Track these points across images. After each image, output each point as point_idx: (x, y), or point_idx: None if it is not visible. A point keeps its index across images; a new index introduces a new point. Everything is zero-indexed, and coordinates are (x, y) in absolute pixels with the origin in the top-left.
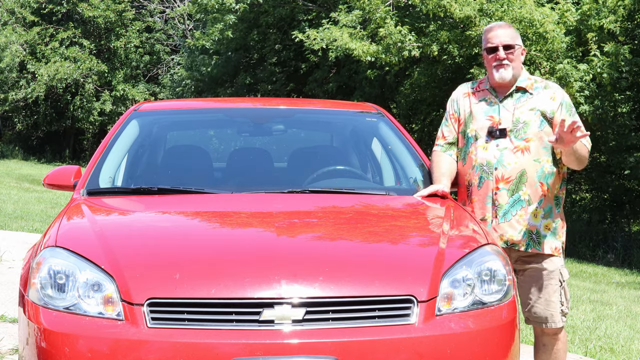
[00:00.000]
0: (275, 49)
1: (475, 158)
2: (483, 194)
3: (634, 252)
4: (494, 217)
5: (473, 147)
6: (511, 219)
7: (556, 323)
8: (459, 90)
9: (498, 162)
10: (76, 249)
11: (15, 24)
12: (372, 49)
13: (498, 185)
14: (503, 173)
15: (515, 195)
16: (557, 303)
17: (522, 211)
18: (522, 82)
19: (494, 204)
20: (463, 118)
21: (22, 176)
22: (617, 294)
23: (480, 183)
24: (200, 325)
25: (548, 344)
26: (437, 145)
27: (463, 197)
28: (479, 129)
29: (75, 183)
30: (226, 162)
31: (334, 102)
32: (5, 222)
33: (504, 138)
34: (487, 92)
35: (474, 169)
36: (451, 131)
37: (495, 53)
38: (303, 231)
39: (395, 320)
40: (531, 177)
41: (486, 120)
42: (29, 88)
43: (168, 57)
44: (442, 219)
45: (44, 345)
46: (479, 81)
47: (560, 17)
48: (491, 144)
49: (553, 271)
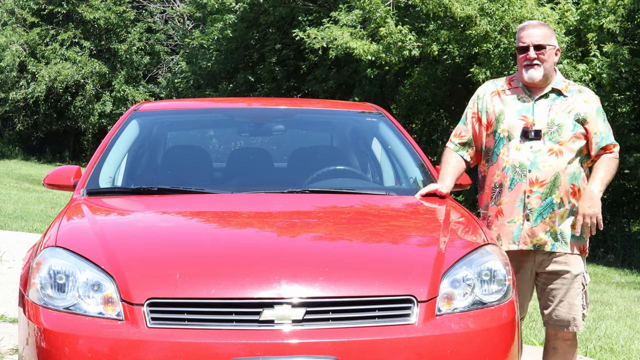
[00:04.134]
0: (275, 49)
1: (507, 159)
2: (514, 196)
3: (634, 252)
4: (525, 220)
5: (505, 148)
6: (542, 221)
7: (578, 327)
8: (485, 88)
9: (532, 165)
10: (76, 249)
11: (16, 24)
12: (373, 48)
13: (531, 189)
14: (537, 176)
15: (549, 198)
16: (579, 307)
17: (552, 214)
18: (557, 84)
19: (525, 207)
20: (492, 118)
21: (22, 176)
22: (617, 294)
23: (512, 185)
24: (200, 325)
25: (559, 348)
26: (450, 141)
27: (486, 199)
28: (511, 128)
29: (75, 183)
30: (226, 162)
31: (334, 102)
32: (5, 222)
33: (538, 140)
34: (519, 90)
35: (505, 170)
36: (468, 131)
37: (526, 53)
38: (303, 231)
39: (395, 320)
40: (564, 180)
41: (519, 120)
42: (29, 88)
43: (168, 57)
44: (442, 219)
45: (44, 345)
46: (509, 78)
47: (561, 17)
48: (525, 145)
49: (577, 275)
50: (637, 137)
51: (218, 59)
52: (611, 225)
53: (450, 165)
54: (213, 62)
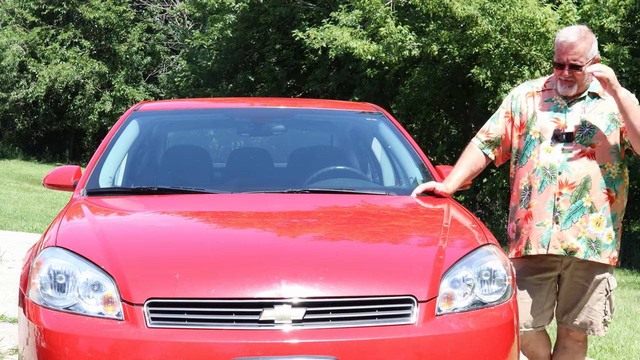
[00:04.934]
0: (275, 48)
1: (537, 161)
2: (544, 199)
3: (634, 252)
4: (555, 223)
5: (536, 150)
6: (571, 225)
7: (599, 331)
8: (521, 89)
9: (562, 167)
10: (76, 249)
11: (16, 24)
12: (373, 48)
13: (561, 191)
14: (567, 178)
15: (578, 201)
16: (599, 312)
17: (583, 218)
18: (594, 87)
19: (555, 210)
20: (525, 119)
21: (22, 176)
22: (617, 294)
23: (542, 187)
24: (200, 325)
25: (569, 348)
26: (477, 137)
27: (516, 201)
28: (542, 130)
29: (75, 183)
30: (226, 162)
31: (334, 102)
32: (5, 222)
33: (570, 142)
34: (554, 93)
35: (535, 172)
36: (497, 129)
37: (561, 70)
38: (303, 231)
39: (395, 320)
40: (596, 184)
41: (551, 122)
42: (29, 88)
43: (168, 57)
44: (442, 219)
45: (44, 345)
46: (546, 80)
47: (562, 17)
48: (556, 147)
49: (600, 280)
50: None
51: (218, 59)
52: None
53: (466, 163)
54: (213, 61)
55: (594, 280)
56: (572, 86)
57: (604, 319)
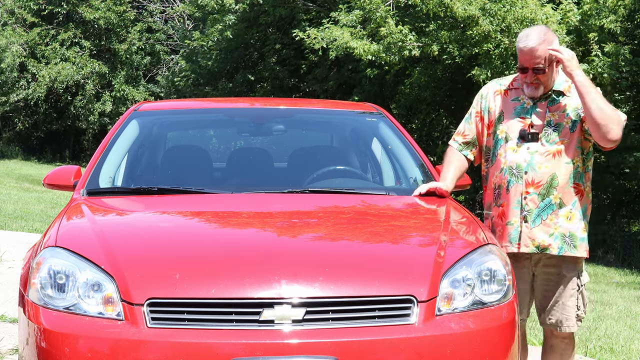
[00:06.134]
0: (275, 48)
1: (504, 160)
2: (511, 198)
3: (634, 252)
4: (523, 222)
5: (502, 149)
6: (541, 223)
7: (570, 327)
8: (489, 87)
9: (529, 166)
10: (76, 249)
11: (16, 24)
12: (373, 48)
13: (528, 190)
14: (533, 177)
15: (546, 199)
16: (572, 307)
17: (552, 215)
18: (559, 85)
19: (522, 209)
20: (493, 117)
21: (22, 176)
22: (617, 294)
23: (509, 187)
24: (200, 325)
25: (556, 347)
26: (454, 140)
27: (489, 199)
28: (509, 130)
29: (75, 183)
30: (226, 162)
31: (334, 102)
32: (5, 222)
33: (536, 142)
34: (520, 92)
35: (502, 171)
36: (471, 130)
37: (525, 74)
38: (303, 231)
39: (395, 320)
40: (563, 180)
41: (518, 122)
42: (29, 89)
43: (168, 57)
44: (442, 219)
45: (44, 345)
46: (513, 78)
47: (563, 17)
48: (522, 147)
49: (571, 275)
50: (637, 137)
51: (218, 58)
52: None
53: (453, 165)
54: (213, 61)
55: (566, 277)
56: (538, 88)
57: (577, 314)
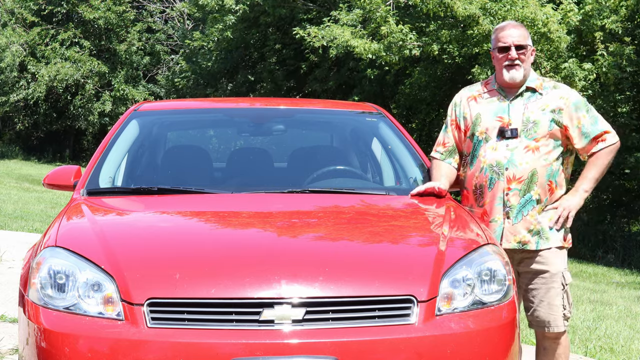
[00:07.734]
0: (275, 49)
1: (484, 160)
2: (494, 196)
3: (634, 252)
4: (506, 218)
5: (482, 149)
6: (522, 219)
7: (558, 327)
8: (462, 94)
9: (509, 162)
10: (76, 249)
11: (16, 24)
12: (374, 47)
13: (510, 186)
14: (514, 173)
15: (527, 195)
16: (559, 307)
17: (533, 211)
18: (531, 82)
19: (505, 205)
20: (470, 122)
21: (22, 176)
22: (617, 294)
23: (491, 184)
24: (200, 325)
25: (549, 348)
26: (435, 151)
27: (469, 202)
28: (488, 130)
29: (75, 183)
30: (226, 162)
31: (334, 102)
32: (5, 222)
33: (516, 138)
34: (495, 93)
35: (483, 170)
36: (450, 138)
37: (506, 53)
38: (303, 231)
39: (395, 320)
40: (541, 176)
41: (496, 121)
42: (29, 89)
43: (168, 57)
44: (442, 219)
45: (44, 345)
46: (484, 82)
47: (563, 17)
48: (501, 144)
49: (555, 274)
50: (637, 137)
51: (218, 58)
52: (611, 225)
53: (442, 171)
54: (213, 61)
55: (550, 274)
56: (519, 69)
57: (564, 314)
